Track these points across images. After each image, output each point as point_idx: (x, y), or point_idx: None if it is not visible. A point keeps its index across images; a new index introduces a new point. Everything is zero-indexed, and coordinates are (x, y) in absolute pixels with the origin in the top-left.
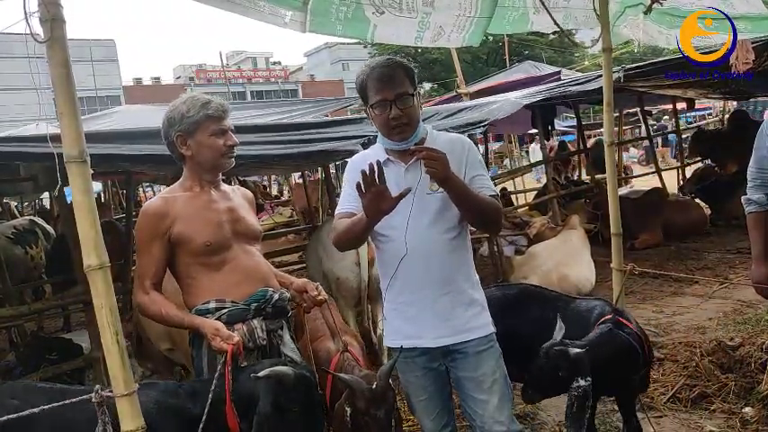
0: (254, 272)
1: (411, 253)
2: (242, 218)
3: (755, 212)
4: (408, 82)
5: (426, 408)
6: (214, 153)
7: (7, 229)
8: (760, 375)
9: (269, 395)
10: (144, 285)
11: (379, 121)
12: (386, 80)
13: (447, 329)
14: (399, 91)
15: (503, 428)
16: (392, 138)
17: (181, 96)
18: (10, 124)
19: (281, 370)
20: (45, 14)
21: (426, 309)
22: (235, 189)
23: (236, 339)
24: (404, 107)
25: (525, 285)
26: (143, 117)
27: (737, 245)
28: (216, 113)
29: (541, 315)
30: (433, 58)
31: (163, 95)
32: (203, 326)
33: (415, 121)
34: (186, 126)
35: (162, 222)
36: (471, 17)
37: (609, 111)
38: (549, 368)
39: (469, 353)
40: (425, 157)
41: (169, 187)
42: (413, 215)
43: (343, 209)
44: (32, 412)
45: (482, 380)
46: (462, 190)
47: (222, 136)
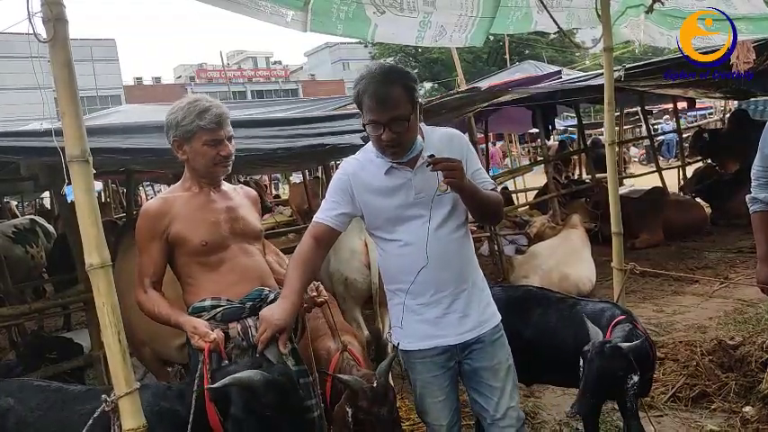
0: (251, 271)
1: (435, 256)
2: (241, 217)
3: (761, 212)
4: (405, 101)
5: (444, 407)
6: (207, 162)
7: (8, 228)
8: (760, 374)
9: (240, 400)
10: (143, 284)
11: (372, 138)
12: (380, 101)
13: (467, 324)
14: (393, 114)
15: (515, 414)
16: (385, 155)
17: (182, 99)
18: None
19: (242, 377)
20: (48, 14)
21: (447, 308)
22: (237, 188)
23: (212, 337)
24: (397, 131)
25: (528, 287)
26: (144, 117)
27: (738, 244)
28: (209, 126)
29: (544, 317)
30: (434, 57)
31: (163, 95)
32: (184, 324)
33: (408, 142)
34: (181, 133)
35: (160, 222)
36: (473, 17)
37: (610, 110)
38: (606, 368)
39: (486, 342)
40: (443, 168)
41: (170, 187)
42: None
43: (323, 218)
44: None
45: (498, 368)
46: (475, 192)
47: (216, 146)
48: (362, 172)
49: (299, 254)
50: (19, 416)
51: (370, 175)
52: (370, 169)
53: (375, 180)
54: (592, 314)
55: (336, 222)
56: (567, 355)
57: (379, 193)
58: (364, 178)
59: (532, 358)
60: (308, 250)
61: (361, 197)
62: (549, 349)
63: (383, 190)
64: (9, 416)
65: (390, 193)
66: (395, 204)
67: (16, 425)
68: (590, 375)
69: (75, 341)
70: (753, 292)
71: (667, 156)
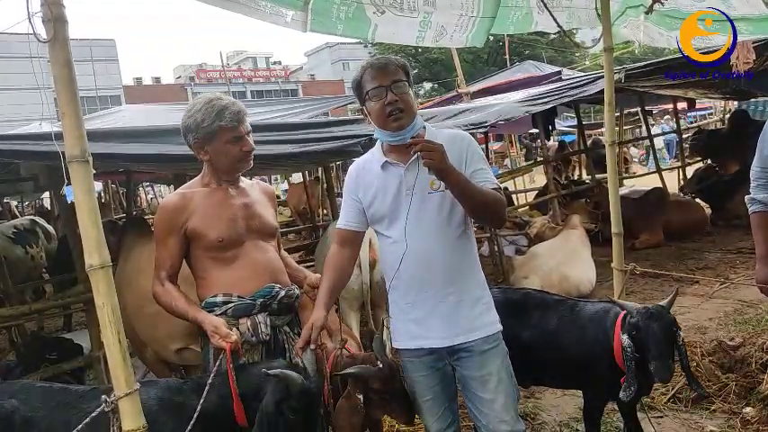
0: (263, 267)
1: (414, 254)
2: (258, 214)
3: (760, 212)
4: (402, 73)
5: (431, 407)
6: (230, 160)
7: (8, 228)
8: (761, 375)
9: (274, 394)
10: (160, 276)
11: (376, 110)
12: (381, 68)
13: (453, 329)
14: (394, 78)
15: (507, 428)
16: (389, 127)
17: (196, 101)
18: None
19: (291, 375)
20: (48, 15)
21: (432, 309)
22: (254, 184)
23: (233, 338)
24: (399, 93)
25: (527, 290)
26: (145, 117)
27: (738, 245)
28: (230, 124)
29: (544, 320)
30: (434, 57)
31: (163, 95)
32: (204, 322)
33: (411, 109)
34: (202, 134)
35: (179, 217)
36: (474, 17)
37: (610, 110)
38: (665, 326)
39: (475, 351)
40: (422, 149)
41: (189, 182)
42: (414, 216)
43: (341, 224)
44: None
45: (487, 379)
46: (463, 183)
47: (238, 143)
48: (363, 170)
49: (326, 262)
50: (24, 417)
51: (369, 172)
52: (370, 167)
53: (373, 177)
54: (595, 313)
55: (354, 224)
56: (569, 357)
57: (375, 190)
58: (365, 176)
59: (532, 361)
60: (332, 255)
61: (363, 194)
62: (550, 352)
63: (379, 186)
64: (14, 417)
65: (385, 190)
66: (389, 201)
67: (21, 426)
68: (655, 339)
69: (74, 342)
70: (753, 292)
71: (667, 156)
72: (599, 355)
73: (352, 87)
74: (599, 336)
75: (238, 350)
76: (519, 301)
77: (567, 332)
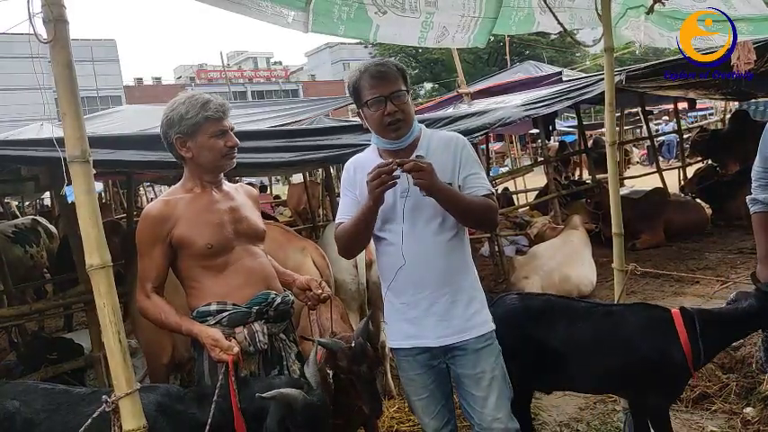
0: (256, 274)
1: (409, 255)
2: (245, 217)
3: (761, 212)
4: (401, 81)
5: (427, 406)
6: (215, 155)
7: (8, 228)
8: (761, 376)
9: (276, 413)
10: (146, 289)
11: (374, 119)
12: (380, 77)
13: (448, 329)
14: (394, 88)
15: (501, 426)
16: (387, 136)
17: (179, 95)
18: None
19: (289, 394)
20: (48, 15)
21: (427, 309)
22: (238, 187)
23: (235, 350)
24: (399, 103)
25: (548, 296)
26: (145, 117)
27: (739, 245)
28: (215, 115)
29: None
30: (434, 57)
31: (164, 96)
32: (200, 335)
33: (410, 117)
34: (185, 128)
35: (163, 226)
36: (476, 17)
37: (611, 111)
38: None
39: (469, 350)
40: (411, 169)
41: (170, 189)
42: (409, 217)
43: (342, 218)
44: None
45: (480, 377)
46: (451, 197)
47: (222, 137)
48: (360, 169)
49: None
50: (25, 418)
51: (365, 173)
52: (366, 167)
53: None
54: (643, 322)
55: None
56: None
57: None
58: (363, 175)
59: (560, 368)
60: None
61: (360, 193)
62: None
63: None
64: (15, 418)
65: None
66: (383, 203)
67: (23, 427)
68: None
69: (75, 342)
70: None
71: (667, 156)
72: (670, 356)
73: (348, 89)
74: (664, 337)
75: (240, 362)
76: (540, 307)
77: (613, 338)
